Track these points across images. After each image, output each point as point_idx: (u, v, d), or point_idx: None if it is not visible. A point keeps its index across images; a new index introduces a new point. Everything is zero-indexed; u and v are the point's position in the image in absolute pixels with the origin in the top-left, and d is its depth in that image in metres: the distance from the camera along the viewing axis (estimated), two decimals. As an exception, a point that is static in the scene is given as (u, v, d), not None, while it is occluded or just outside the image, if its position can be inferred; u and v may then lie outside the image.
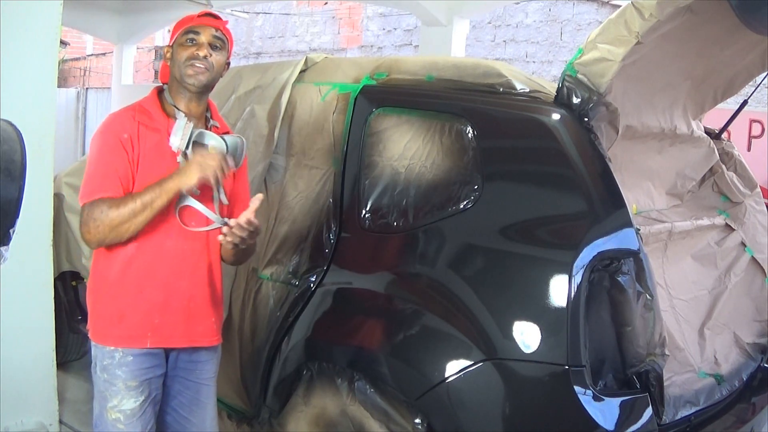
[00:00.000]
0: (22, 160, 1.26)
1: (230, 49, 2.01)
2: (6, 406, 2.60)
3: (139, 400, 1.91)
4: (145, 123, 1.90)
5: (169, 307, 1.92)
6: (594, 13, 7.63)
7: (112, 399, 1.90)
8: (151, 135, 1.90)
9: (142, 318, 1.90)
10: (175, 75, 1.94)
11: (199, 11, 1.98)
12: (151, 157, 1.89)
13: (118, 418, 1.90)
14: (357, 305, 2.30)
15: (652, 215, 2.55)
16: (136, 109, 1.94)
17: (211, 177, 1.79)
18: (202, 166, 1.78)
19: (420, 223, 2.16)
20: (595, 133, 2.02)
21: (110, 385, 1.91)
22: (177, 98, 1.96)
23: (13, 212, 1.25)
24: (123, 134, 1.87)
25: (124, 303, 1.90)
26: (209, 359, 2.07)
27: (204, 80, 1.91)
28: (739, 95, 3.04)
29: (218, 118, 2.07)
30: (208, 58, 1.90)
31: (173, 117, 1.93)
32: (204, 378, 2.06)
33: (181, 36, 1.93)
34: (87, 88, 12.21)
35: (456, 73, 2.30)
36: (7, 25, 2.53)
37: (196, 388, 2.05)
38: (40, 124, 2.67)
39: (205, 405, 2.07)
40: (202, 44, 1.91)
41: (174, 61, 1.93)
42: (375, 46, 9.68)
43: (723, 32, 2.29)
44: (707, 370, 2.32)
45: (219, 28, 1.95)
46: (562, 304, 1.85)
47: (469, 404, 1.95)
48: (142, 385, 1.91)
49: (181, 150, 1.88)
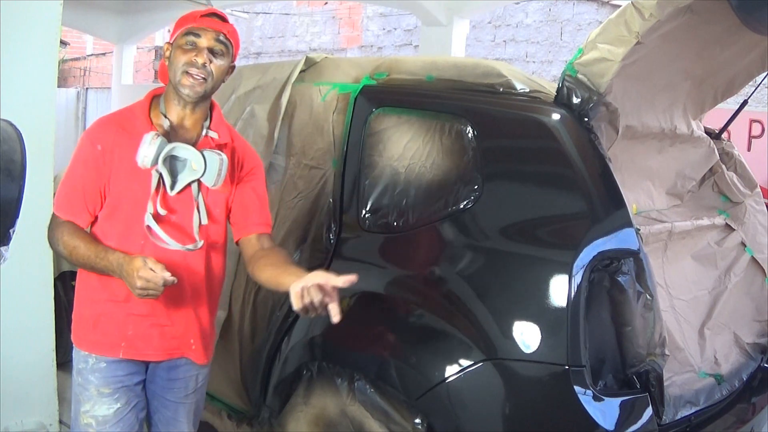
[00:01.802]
0: (22, 160, 1.26)
1: (236, 52, 1.85)
2: (6, 406, 2.60)
3: (113, 407, 1.84)
4: (125, 131, 1.79)
5: (144, 320, 1.83)
6: (594, 13, 7.62)
7: (84, 403, 1.85)
8: (128, 144, 1.77)
9: (116, 327, 1.83)
10: (171, 79, 1.80)
11: (206, 9, 1.82)
12: (127, 172, 1.77)
13: (90, 423, 1.85)
14: (357, 305, 2.30)
15: (652, 215, 2.55)
16: (123, 115, 1.84)
17: (140, 293, 1.63)
18: (134, 289, 1.63)
19: (420, 223, 2.16)
20: (595, 133, 2.02)
21: (83, 389, 1.86)
22: (170, 105, 1.83)
23: (13, 212, 1.25)
24: (97, 145, 1.78)
25: (100, 309, 1.83)
26: (188, 377, 1.96)
27: (200, 91, 1.77)
28: (739, 95, 3.03)
29: (221, 124, 1.92)
30: (207, 66, 1.75)
31: (158, 126, 1.81)
32: (181, 396, 1.96)
33: (182, 37, 1.78)
34: (87, 88, 12.20)
35: (456, 73, 2.30)
36: (7, 25, 2.52)
37: (174, 408, 1.96)
38: (40, 124, 2.67)
39: (180, 424, 1.98)
40: (202, 50, 1.76)
41: (171, 63, 1.79)
42: (375, 46, 9.68)
43: (723, 32, 2.29)
44: (707, 370, 2.32)
45: (223, 32, 1.79)
46: (562, 304, 1.85)
47: (469, 404, 1.95)
48: (117, 392, 1.84)
49: (145, 166, 1.72)
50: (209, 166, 1.77)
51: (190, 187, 1.81)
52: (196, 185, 1.82)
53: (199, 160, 1.76)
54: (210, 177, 1.77)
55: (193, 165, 1.76)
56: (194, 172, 1.77)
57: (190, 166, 1.76)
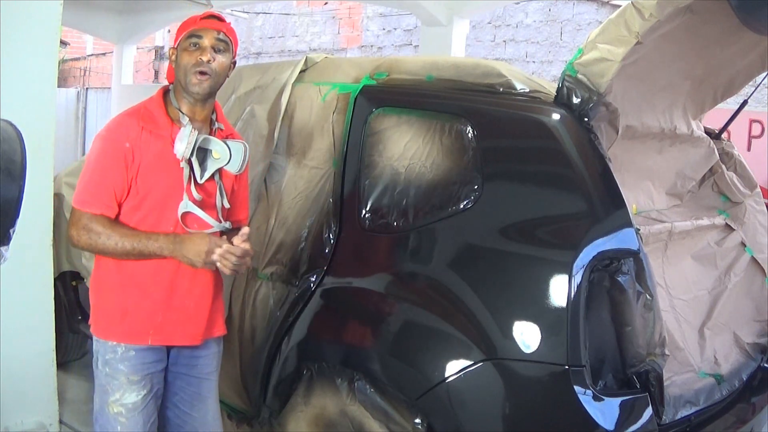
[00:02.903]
0: (22, 160, 1.26)
1: (235, 49, 2.01)
2: (6, 406, 2.60)
3: (141, 394, 1.93)
4: (149, 129, 1.91)
5: (171, 306, 1.95)
6: (594, 13, 7.62)
7: (114, 393, 1.92)
8: (154, 142, 1.91)
9: (145, 316, 1.93)
10: (179, 80, 1.94)
11: (203, 12, 1.98)
12: (155, 165, 1.90)
13: (120, 412, 1.91)
14: (357, 305, 2.30)
15: (652, 215, 2.55)
16: (141, 114, 1.94)
17: (217, 265, 1.86)
18: (207, 253, 1.84)
19: (420, 223, 2.16)
20: (595, 133, 2.02)
21: (112, 379, 1.92)
22: (182, 102, 1.96)
23: (13, 212, 1.25)
24: (125, 143, 1.88)
25: (127, 300, 1.92)
26: (211, 354, 2.09)
27: (208, 88, 1.92)
28: (739, 95, 3.03)
29: (223, 120, 2.08)
30: (211, 64, 1.90)
31: (177, 122, 1.94)
32: (205, 373, 2.08)
33: (185, 40, 1.93)
34: (87, 88, 12.20)
35: (456, 73, 2.30)
36: (7, 25, 2.53)
37: (197, 384, 2.07)
38: (40, 124, 2.67)
39: (206, 399, 2.09)
40: (206, 49, 1.91)
41: (178, 65, 1.94)
42: (375, 46, 9.68)
43: (723, 32, 2.29)
44: (707, 370, 2.32)
45: (222, 31, 1.94)
46: (562, 304, 1.85)
47: (469, 404, 1.95)
48: (144, 379, 1.93)
49: (185, 158, 1.89)
50: (234, 154, 1.96)
51: (213, 176, 1.98)
52: (218, 173, 1.99)
53: (223, 149, 1.94)
54: (235, 164, 1.96)
55: (215, 154, 1.94)
56: (217, 161, 1.95)
57: (213, 156, 1.94)
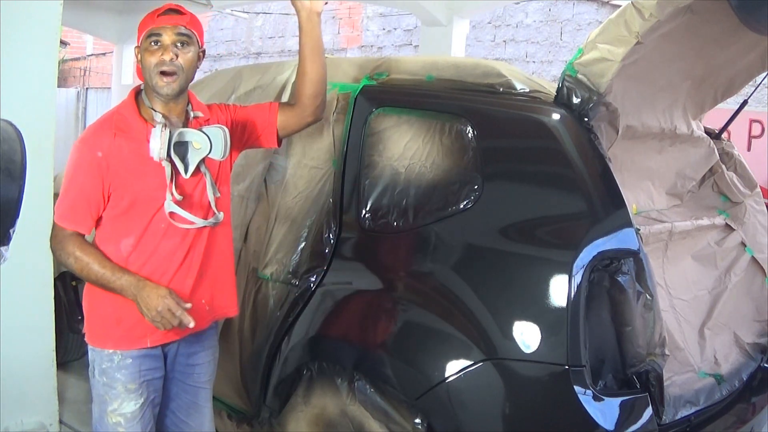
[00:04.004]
0: (22, 160, 1.26)
1: (201, 39, 1.91)
2: (6, 406, 2.60)
3: (139, 402, 1.90)
4: (123, 133, 1.85)
5: None
6: (594, 13, 7.62)
7: (112, 402, 1.89)
8: (129, 145, 1.84)
9: (140, 319, 1.86)
10: (147, 81, 1.87)
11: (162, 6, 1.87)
12: (135, 169, 1.84)
13: (119, 422, 1.89)
14: (357, 305, 2.30)
15: (652, 215, 2.55)
16: (114, 120, 1.88)
17: (157, 321, 1.78)
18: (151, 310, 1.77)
19: (420, 223, 2.16)
20: (595, 133, 2.02)
21: (110, 388, 1.90)
22: (154, 102, 1.89)
23: (13, 212, 1.25)
24: (97, 152, 1.82)
25: (121, 305, 1.86)
26: (207, 362, 2.07)
27: (177, 87, 1.85)
28: (739, 95, 3.03)
29: (200, 106, 2.00)
30: (174, 61, 1.82)
31: (151, 121, 1.87)
32: (201, 381, 2.06)
33: (145, 39, 1.85)
34: (87, 88, 12.20)
35: (456, 73, 2.30)
36: (7, 25, 2.53)
37: (194, 392, 2.05)
38: (40, 124, 2.67)
39: (202, 409, 2.07)
40: (167, 47, 1.82)
41: (143, 66, 1.86)
42: (375, 46, 9.67)
43: (723, 32, 2.29)
44: (707, 370, 2.32)
45: (182, 25, 1.85)
46: (562, 304, 1.85)
47: (469, 404, 1.95)
48: (141, 388, 1.91)
49: (162, 157, 1.81)
50: (214, 140, 1.86)
51: (199, 167, 1.90)
52: (203, 163, 1.91)
53: (202, 138, 1.85)
54: (217, 150, 1.87)
55: (195, 144, 1.85)
56: (199, 151, 1.86)
57: (193, 147, 1.85)
